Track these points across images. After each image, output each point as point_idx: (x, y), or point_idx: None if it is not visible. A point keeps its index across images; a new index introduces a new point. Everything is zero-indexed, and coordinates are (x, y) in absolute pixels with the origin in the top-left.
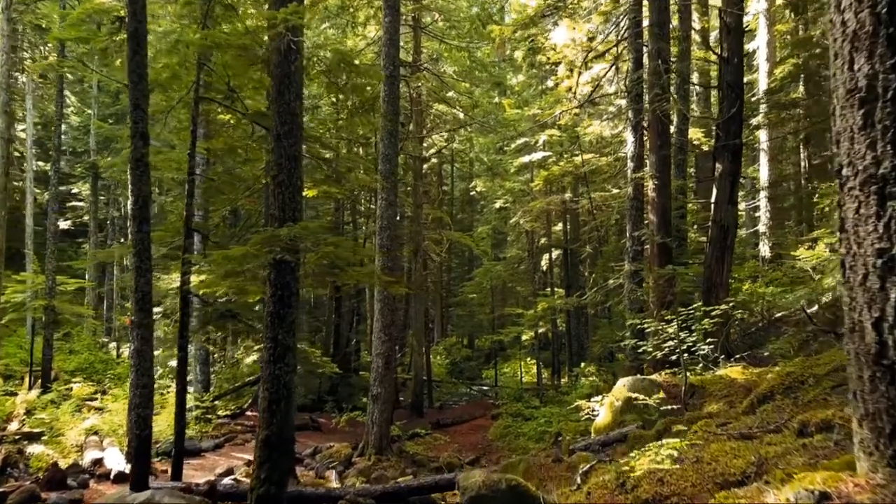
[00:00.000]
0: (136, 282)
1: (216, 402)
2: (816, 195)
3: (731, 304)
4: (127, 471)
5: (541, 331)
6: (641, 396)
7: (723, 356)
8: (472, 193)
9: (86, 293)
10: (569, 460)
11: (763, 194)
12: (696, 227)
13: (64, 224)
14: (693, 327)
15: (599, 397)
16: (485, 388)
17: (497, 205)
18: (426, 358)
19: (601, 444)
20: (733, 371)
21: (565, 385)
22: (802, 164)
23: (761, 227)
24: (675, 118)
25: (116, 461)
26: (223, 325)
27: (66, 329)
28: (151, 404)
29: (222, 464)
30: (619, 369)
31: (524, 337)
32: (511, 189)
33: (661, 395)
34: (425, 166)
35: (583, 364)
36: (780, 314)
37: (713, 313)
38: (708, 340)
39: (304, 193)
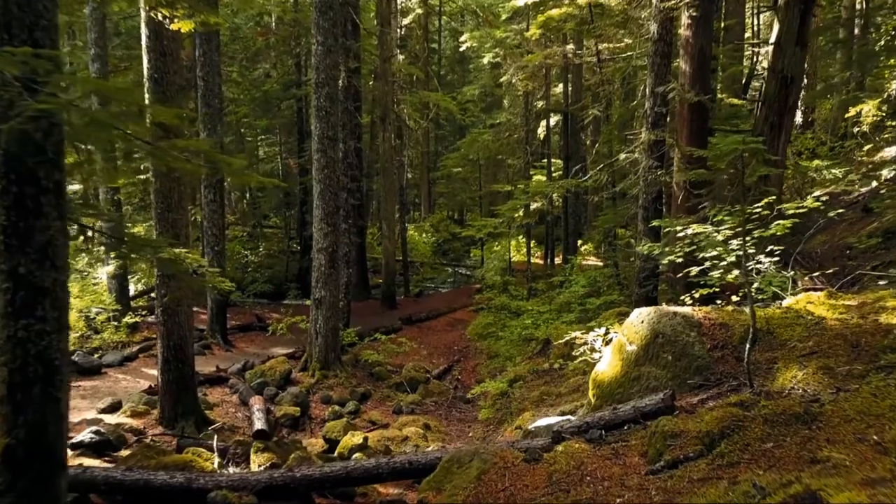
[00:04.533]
0: None
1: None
2: (881, 43)
3: (819, 199)
4: None
5: (534, 206)
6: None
7: (792, 272)
8: (461, 50)
9: None
10: (550, 461)
11: None
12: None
13: None
14: (754, 232)
15: (602, 330)
16: (472, 269)
17: (485, 60)
18: (402, 241)
19: (604, 427)
20: (813, 302)
21: (559, 271)
22: (858, 3)
23: None
24: None
25: None
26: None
27: None
28: None
29: (123, 385)
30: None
31: (516, 215)
32: (502, 40)
33: (702, 340)
34: (408, 18)
35: (580, 243)
36: (819, 193)
37: (790, 211)
38: (769, 249)
39: (175, 26)
